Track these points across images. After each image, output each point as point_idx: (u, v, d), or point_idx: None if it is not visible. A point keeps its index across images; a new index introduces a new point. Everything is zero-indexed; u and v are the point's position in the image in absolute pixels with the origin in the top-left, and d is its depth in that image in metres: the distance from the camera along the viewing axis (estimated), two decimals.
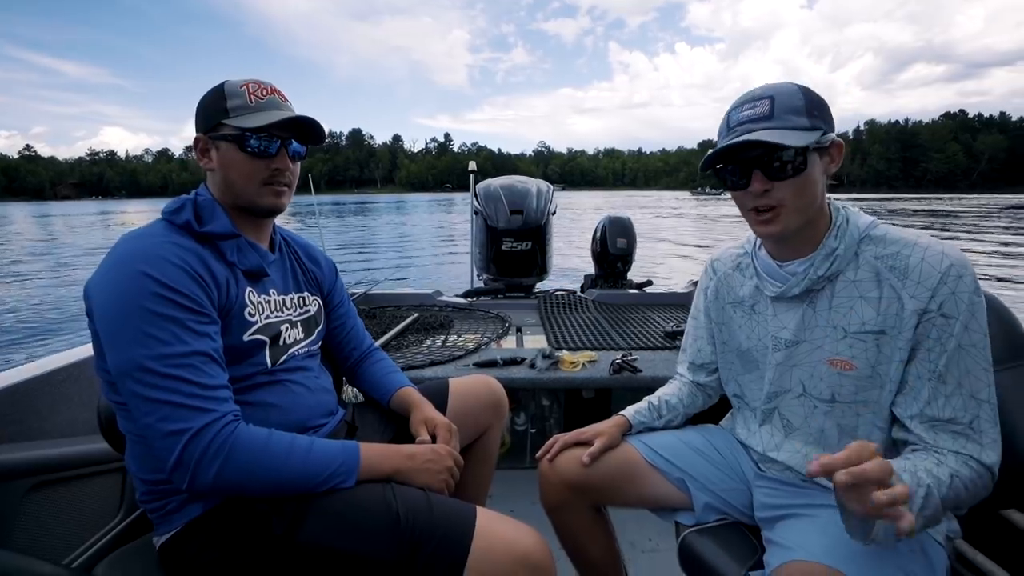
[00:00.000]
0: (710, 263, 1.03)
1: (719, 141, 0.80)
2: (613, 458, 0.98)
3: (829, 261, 0.78)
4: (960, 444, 0.71)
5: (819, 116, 0.74)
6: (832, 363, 0.78)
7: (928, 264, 0.72)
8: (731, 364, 0.97)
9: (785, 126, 0.72)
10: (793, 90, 0.75)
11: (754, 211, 0.78)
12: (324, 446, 0.79)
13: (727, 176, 0.80)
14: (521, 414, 1.98)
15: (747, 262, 0.93)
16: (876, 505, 0.54)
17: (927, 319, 0.71)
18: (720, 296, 0.97)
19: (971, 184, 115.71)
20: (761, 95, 0.75)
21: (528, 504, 1.62)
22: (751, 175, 0.76)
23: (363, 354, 1.15)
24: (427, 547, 0.73)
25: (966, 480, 0.68)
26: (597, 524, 1.04)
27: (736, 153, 0.76)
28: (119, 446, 0.89)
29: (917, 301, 0.72)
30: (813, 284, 0.80)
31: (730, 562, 0.83)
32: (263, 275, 0.89)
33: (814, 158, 0.74)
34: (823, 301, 0.80)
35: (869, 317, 0.75)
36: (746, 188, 0.77)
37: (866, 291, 0.76)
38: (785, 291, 0.82)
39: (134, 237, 0.76)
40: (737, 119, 0.76)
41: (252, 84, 0.84)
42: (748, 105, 0.76)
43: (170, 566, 0.78)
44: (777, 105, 0.73)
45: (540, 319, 2.25)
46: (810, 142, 0.71)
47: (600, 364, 1.62)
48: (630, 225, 3.23)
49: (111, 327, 0.70)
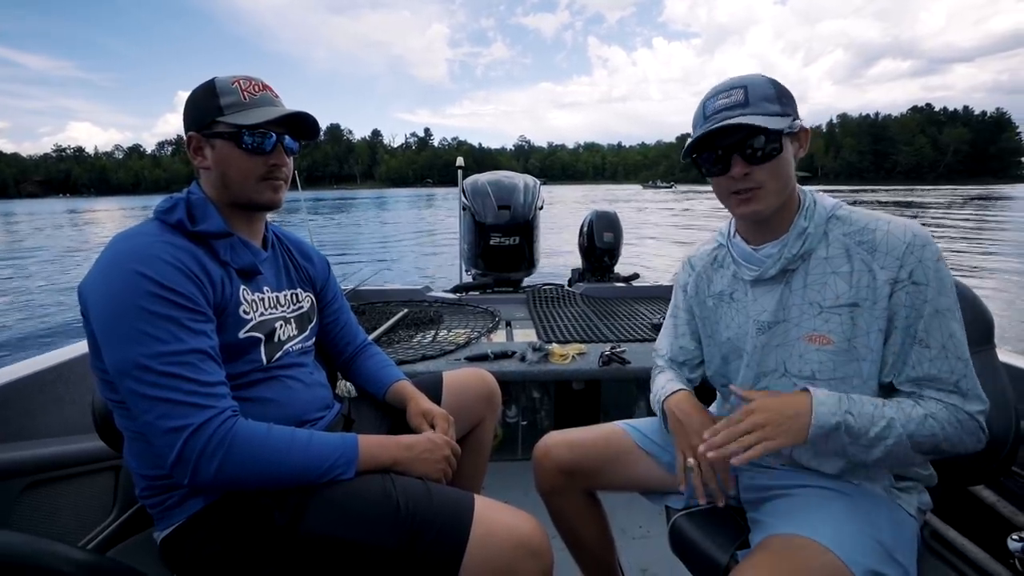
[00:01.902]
0: (687, 260, 1.04)
1: (695, 131, 0.82)
2: (606, 443, 1.01)
3: (801, 240, 0.81)
4: (943, 395, 0.74)
5: (787, 103, 0.78)
6: (810, 339, 0.81)
7: (893, 236, 0.76)
8: (716, 356, 0.99)
9: (760, 112, 0.76)
10: (763, 80, 0.79)
11: (735, 194, 0.81)
12: (323, 439, 0.80)
13: (706, 163, 0.82)
14: (512, 407, 2.01)
15: (723, 254, 0.95)
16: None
17: (900, 288, 0.75)
18: (700, 291, 0.99)
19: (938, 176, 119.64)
20: (735, 84, 0.78)
21: (521, 495, 1.65)
22: (731, 160, 0.78)
23: (357, 349, 1.16)
24: (427, 534, 0.74)
25: (943, 422, 0.72)
26: (590, 509, 1.07)
27: (714, 140, 0.79)
28: (115, 444, 0.89)
29: (887, 271, 0.75)
30: (788, 264, 0.83)
31: (718, 543, 0.87)
32: (256, 273, 0.89)
33: (787, 142, 0.78)
34: (798, 279, 0.83)
35: (843, 291, 0.79)
36: (726, 173, 0.80)
37: (838, 266, 0.80)
38: (762, 273, 0.85)
39: (128, 237, 0.76)
40: (713, 107, 0.79)
41: (243, 81, 0.84)
42: (723, 94, 0.79)
43: (172, 560, 0.79)
44: (751, 93, 0.77)
45: (529, 313, 2.28)
46: (784, 126, 0.75)
47: (589, 356, 1.66)
48: (616, 219, 3.27)
49: (108, 327, 0.70)
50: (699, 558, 0.87)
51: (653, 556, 1.46)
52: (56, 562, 0.50)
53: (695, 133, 0.81)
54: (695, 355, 1.04)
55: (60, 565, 0.50)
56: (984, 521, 0.95)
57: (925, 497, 0.84)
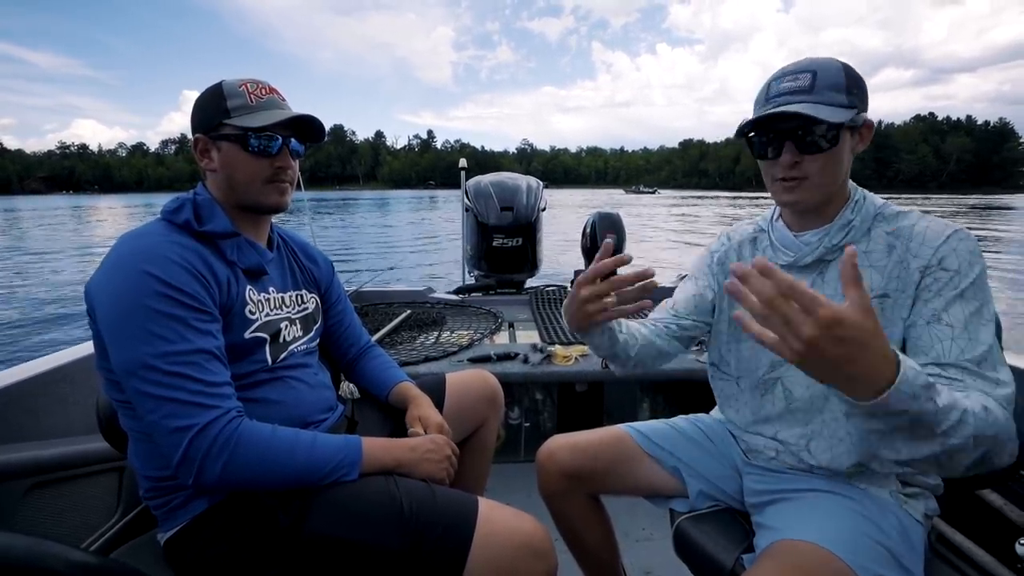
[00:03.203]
0: (725, 233, 1.02)
1: (756, 109, 0.80)
2: (610, 447, 1.01)
3: (844, 232, 0.80)
4: (971, 380, 0.67)
5: (857, 95, 0.74)
6: None
7: (932, 230, 0.75)
8: (723, 332, 0.96)
9: (823, 101, 0.73)
10: (836, 67, 0.75)
11: (781, 180, 0.80)
12: (327, 440, 0.80)
13: (758, 145, 0.80)
14: (515, 408, 2.00)
15: (763, 238, 0.93)
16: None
17: (928, 273, 0.73)
18: (727, 262, 0.97)
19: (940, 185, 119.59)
20: (804, 68, 0.75)
21: (524, 497, 1.64)
22: (783, 146, 0.76)
23: (361, 350, 1.16)
24: (431, 536, 0.74)
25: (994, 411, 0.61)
26: (594, 512, 1.06)
27: (771, 123, 0.77)
28: (119, 444, 0.88)
29: (920, 260, 0.74)
30: (826, 254, 0.81)
31: (723, 547, 0.86)
32: (262, 273, 0.89)
33: (845, 136, 0.75)
34: (832, 271, 0.82)
35: (876, 283, 0.77)
36: (776, 159, 0.78)
37: (876, 260, 0.78)
38: (797, 259, 0.83)
39: (135, 236, 0.76)
40: (777, 90, 0.76)
41: (251, 83, 0.85)
42: (790, 77, 0.76)
43: (176, 561, 0.79)
44: (819, 79, 0.73)
45: (532, 314, 2.27)
46: (845, 119, 0.72)
47: (592, 358, 1.65)
48: (620, 221, 3.26)
49: (115, 326, 0.71)
50: (704, 562, 0.87)
51: (657, 559, 1.45)
52: (58, 564, 0.50)
53: (755, 112, 0.79)
54: (689, 323, 0.98)
55: (61, 568, 0.50)
56: (991, 525, 0.94)
57: (932, 503, 0.83)
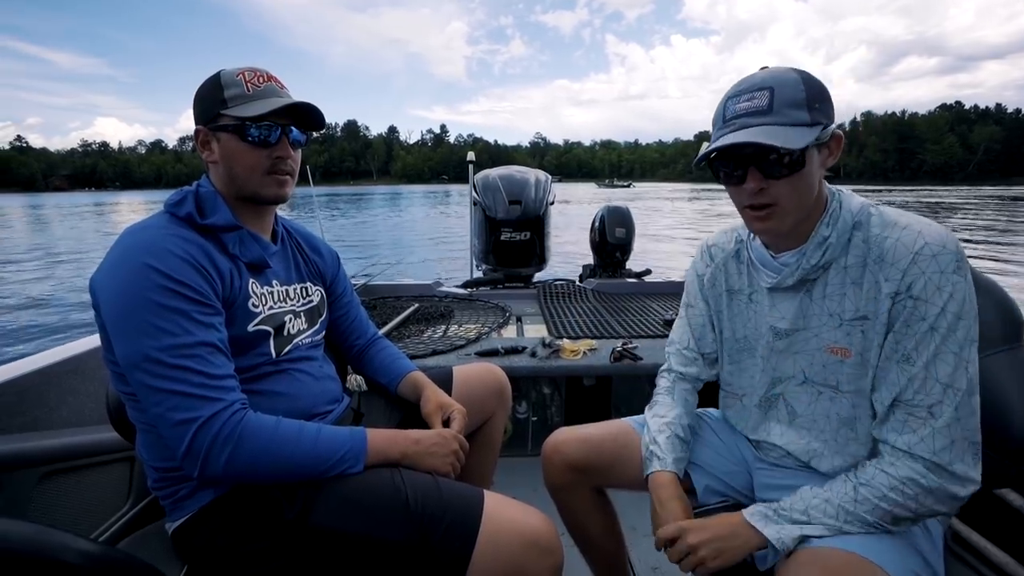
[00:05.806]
0: (706, 249, 0.99)
1: (714, 132, 0.76)
2: (615, 440, 0.99)
3: (821, 250, 0.76)
4: (905, 440, 0.69)
5: (820, 109, 0.70)
6: (831, 351, 0.78)
7: (902, 245, 0.70)
8: (724, 354, 0.96)
9: (784, 121, 0.68)
10: (793, 80, 0.70)
11: (749, 208, 0.76)
12: (332, 432, 0.80)
13: (721, 170, 0.77)
14: (523, 403, 2.00)
15: (744, 250, 0.92)
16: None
17: (898, 301, 0.70)
18: (717, 284, 0.96)
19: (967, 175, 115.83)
20: (760, 84, 0.71)
21: (530, 491, 1.64)
22: (746, 171, 0.73)
23: (368, 342, 1.16)
24: (437, 529, 0.74)
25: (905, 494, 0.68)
26: (600, 506, 1.05)
27: (731, 148, 0.72)
28: (129, 435, 0.90)
29: (891, 284, 0.70)
30: (806, 274, 0.78)
31: None
32: (265, 266, 0.89)
33: (812, 154, 0.71)
34: (819, 289, 0.79)
35: (859, 304, 0.75)
36: (740, 185, 0.74)
37: (856, 277, 0.76)
38: (780, 281, 0.82)
39: (138, 230, 0.77)
40: (733, 111, 0.72)
41: (248, 72, 0.83)
42: (746, 96, 0.71)
43: (183, 551, 0.80)
44: (777, 98, 0.69)
45: (540, 309, 2.26)
46: (809, 141, 0.68)
47: (600, 352, 1.64)
48: (628, 215, 3.23)
49: (118, 320, 0.71)
50: None
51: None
52: (66, 553, 0.51)
53: (714, 135, 0.76)
54: (713, 348, 0.98)
55: (69, 556, 0.51)
56: (1009, 525, 0.91)
57: None
